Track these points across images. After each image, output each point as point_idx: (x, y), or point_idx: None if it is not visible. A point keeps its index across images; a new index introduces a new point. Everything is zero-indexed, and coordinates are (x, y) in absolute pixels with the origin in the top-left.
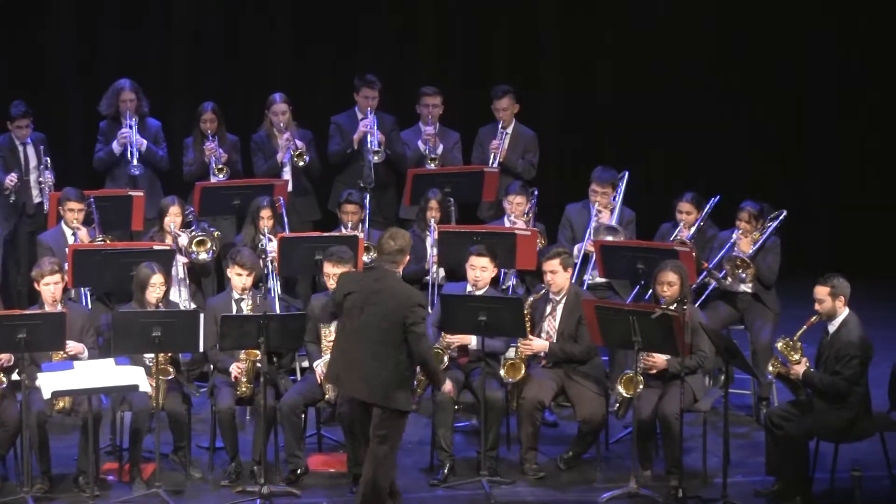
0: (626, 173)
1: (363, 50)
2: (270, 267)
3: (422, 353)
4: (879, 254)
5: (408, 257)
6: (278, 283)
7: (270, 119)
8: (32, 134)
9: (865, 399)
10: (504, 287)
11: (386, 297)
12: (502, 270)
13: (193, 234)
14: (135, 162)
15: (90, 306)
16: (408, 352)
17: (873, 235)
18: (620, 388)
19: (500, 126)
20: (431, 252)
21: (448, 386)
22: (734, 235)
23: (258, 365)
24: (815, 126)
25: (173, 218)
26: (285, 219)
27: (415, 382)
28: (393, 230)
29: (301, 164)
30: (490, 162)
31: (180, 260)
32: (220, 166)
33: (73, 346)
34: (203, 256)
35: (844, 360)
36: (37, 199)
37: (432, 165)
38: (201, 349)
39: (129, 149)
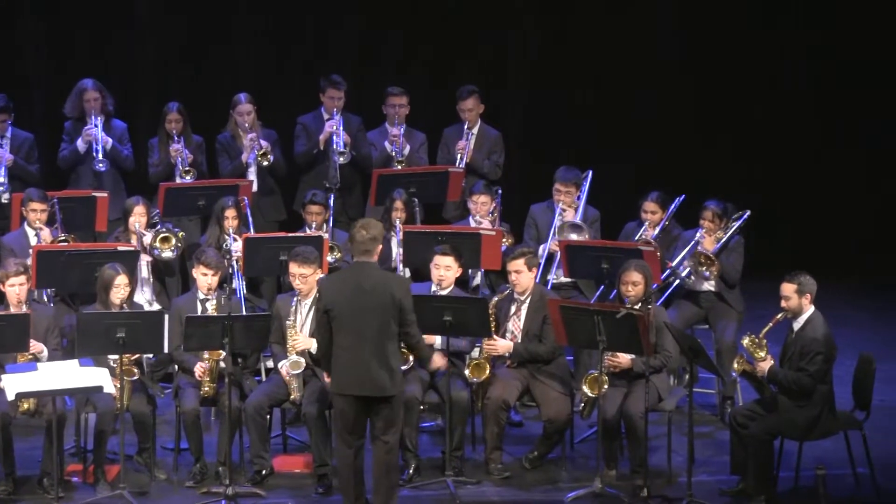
0: (590, 172)
1: (329, 50)
2: (235, 267)
3: (419, 338)
4: (841, 255)
5: (381, 246)
6: (243, 283)
7: (235, 119)
8: (17, 130)
9: (829, 397)
10: (473, 286)
11: (379, 292)
12: (470, 271)
13: (157, 230)
14: (100, 157)
15: (52, 306)
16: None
17: (835, 236)
18: (585, 388)
19: (465, 127)
20: (397, 252)
21: (438, 360)
22: (698, 234)
23: (222, 365)
24: (777, 127)
25: (138, 217)
26: (250, 219)
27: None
28: (363, 221)
29: (265, 163)
30: (457, 162)
31: (144, 259)
32: (186, 168)
33: (33, 344)
34: (167, 254)
35: (809, 356)
36: (5, 200)
37: (400, 167)
38: (166, 350)
39: (94, 146)
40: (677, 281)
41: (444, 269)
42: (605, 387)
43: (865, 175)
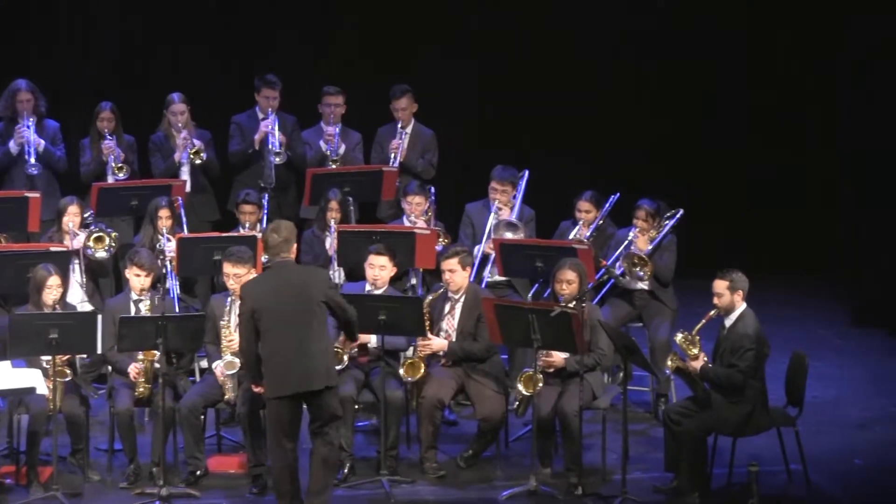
0: (527, 172)
1: (265, 49)
2: (169, 267)
3: (353, 317)
4: (776, 252)
5: (295, 245)
6: (177, 283)
7: (169, 119)
8: None
9: (762, 393)
10: (411, 285)
11: (300, 287)
12: (410, 270)
13: (91, 230)
14: (32, 161)
15: None
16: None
17: (770, 234)
18: (520, 387)
19: (399, 126)
20: (332, 252)
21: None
22: (631, 233)
23: (156, 365)
24: (714, 124)
25: (72, 217)
26: (184, 219)
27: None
28: (273, 224)
29: (198, 161)
30: (391, 162)
31: (77, 260)
32: (118, 165)
33: None
34: (101, 254)
35: (740, 352)
36: None
37: (334, 167)
38: (99, 351)
39: (26, 148)
40: (612, 280)
41: (379, 269)
42: (540, 385)
43: (800, 172)
